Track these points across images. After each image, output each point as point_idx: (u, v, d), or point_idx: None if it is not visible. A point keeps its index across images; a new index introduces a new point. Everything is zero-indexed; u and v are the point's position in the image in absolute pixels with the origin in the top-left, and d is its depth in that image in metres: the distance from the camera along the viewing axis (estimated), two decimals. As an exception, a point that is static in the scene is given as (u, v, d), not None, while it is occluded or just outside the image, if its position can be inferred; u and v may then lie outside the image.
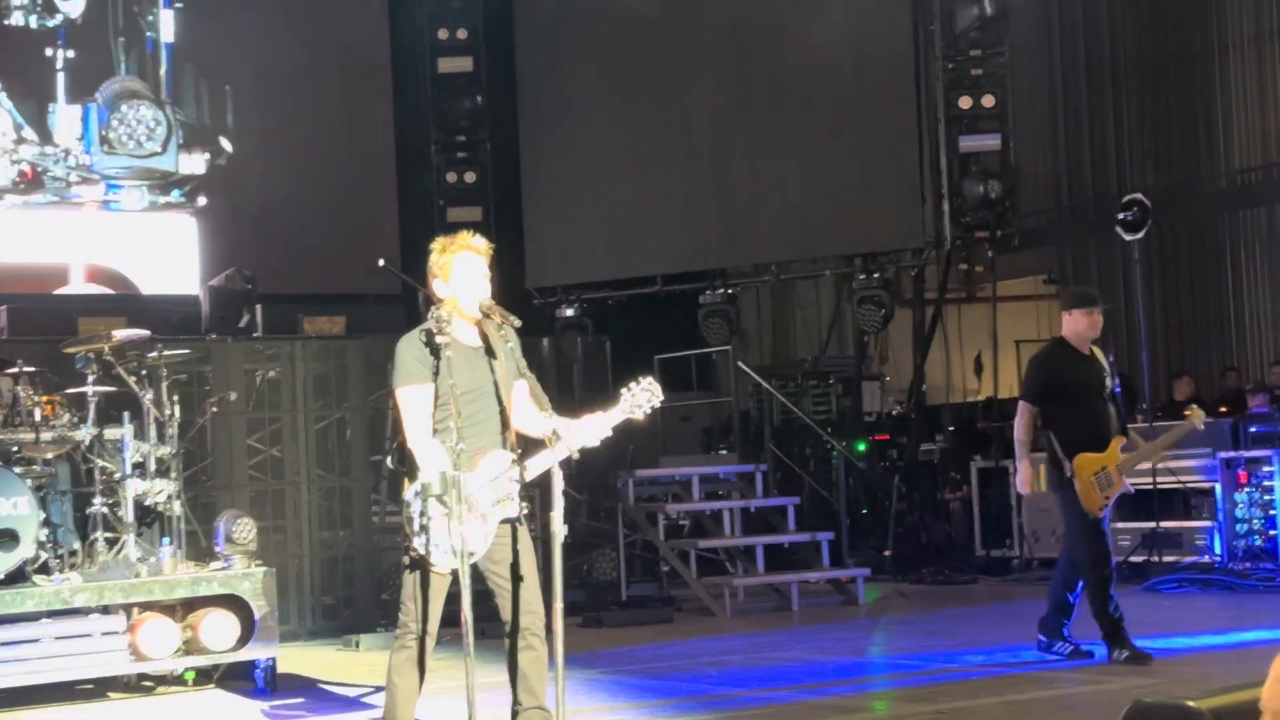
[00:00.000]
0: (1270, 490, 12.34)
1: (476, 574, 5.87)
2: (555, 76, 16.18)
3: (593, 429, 5.82)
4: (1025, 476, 8.83)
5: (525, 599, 5.85)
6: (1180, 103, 17.33)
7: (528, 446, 5.95)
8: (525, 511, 5.93)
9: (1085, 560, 8.62)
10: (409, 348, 5.86)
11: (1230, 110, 16.81)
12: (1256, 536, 12.42)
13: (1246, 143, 16.71)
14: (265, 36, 14.52)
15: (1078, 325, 8.84)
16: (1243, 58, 16.66)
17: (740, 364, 15.08)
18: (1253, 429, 13.07)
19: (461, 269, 5.87)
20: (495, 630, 6.10)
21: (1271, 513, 12.31)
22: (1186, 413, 9.09)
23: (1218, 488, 12.66)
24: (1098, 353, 8.92)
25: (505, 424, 5.90)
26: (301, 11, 14.88)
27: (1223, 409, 14.44)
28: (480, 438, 5.78)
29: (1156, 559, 12.77)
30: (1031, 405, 8.80)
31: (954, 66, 14.83)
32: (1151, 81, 17.63)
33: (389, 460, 6.09)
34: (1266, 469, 12.41)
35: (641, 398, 5.90)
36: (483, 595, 6.03)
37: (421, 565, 5.77)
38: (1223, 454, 12.71)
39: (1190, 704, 4.37)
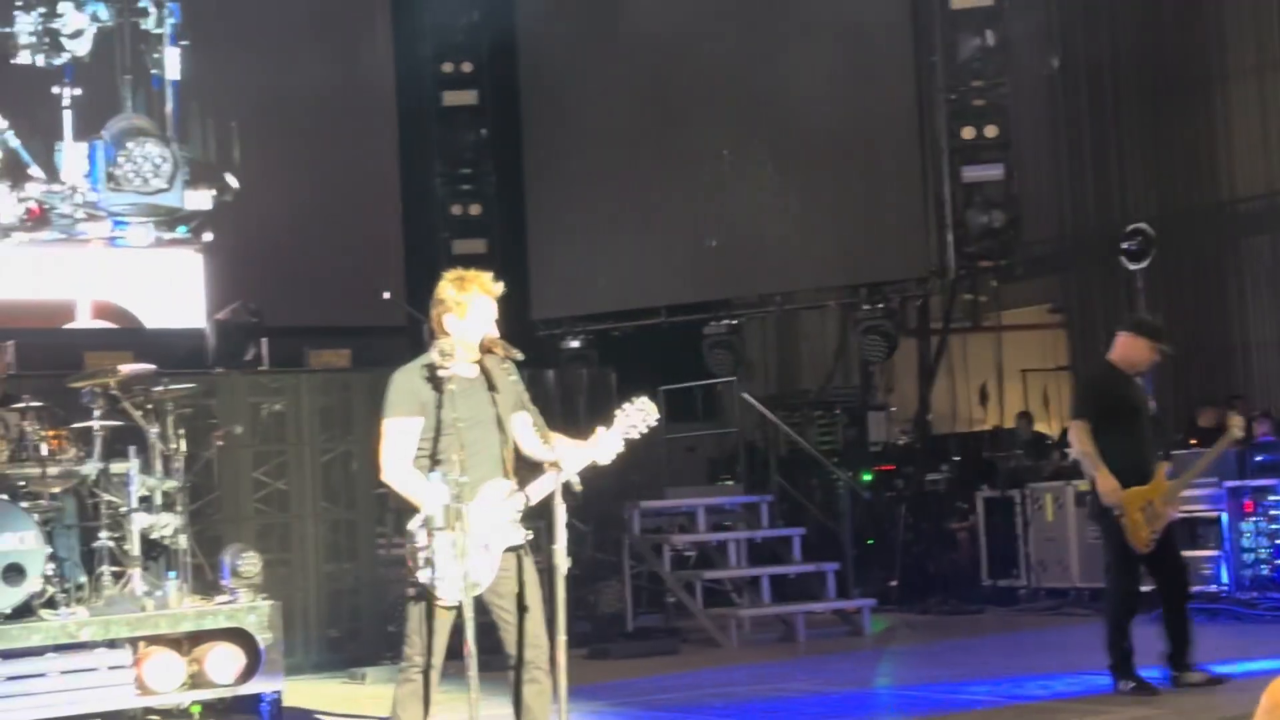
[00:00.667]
0: (1277, 519, 12.34)
1: (481, 606, 5.89)
2: (559, 109, 16.24)
3: (590, 451, 5.85)
4: (1108, 487, 8.39)
5: (530, 631, 5.86)
6: (1183, 131, 17.37)
7: (528, 473, 5.97)
8: (529, 539, 5.95)
9: (1113, 591, 8.57)
10: (404, 380, 5.91)
11: (1233, 139, 16.84)
12: (1263, 566, 12.41)
13: (1249, 171, 16.74)
14: (270, 72, 14.58)
15: (1139, 353, 8.63)
16: (1245, 86, 16.70)
17: (745, 395, 15.10)
18: (1258, 458, 13.07)
19: (478, 310, 5.92)
20: (499, 663, 6.11)
21: (1278, 542, 12.30)
22: (1229, 422, 8.96)
23: (1224, 517, 12.64)
24: (1138, 380, 8.78)
25: (504, 454, 5.92)
26: (306, 47, 14.96)
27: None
28: (479, 468, 5.81)
29: (1163, 588, 12.73)
30: (1086, 422, 8.52)
31: (956, 97, 14.89)
32: (1154, 110, 17.67)
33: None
34: (1272, 498, 12.41)
35: (636, 417, 5.94)
36: (486, 628, 6.04)
37: (426, 598, 5.78)
38: (1228, 483, 12.71)
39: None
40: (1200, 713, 7.58)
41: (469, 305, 5.93)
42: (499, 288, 6.03)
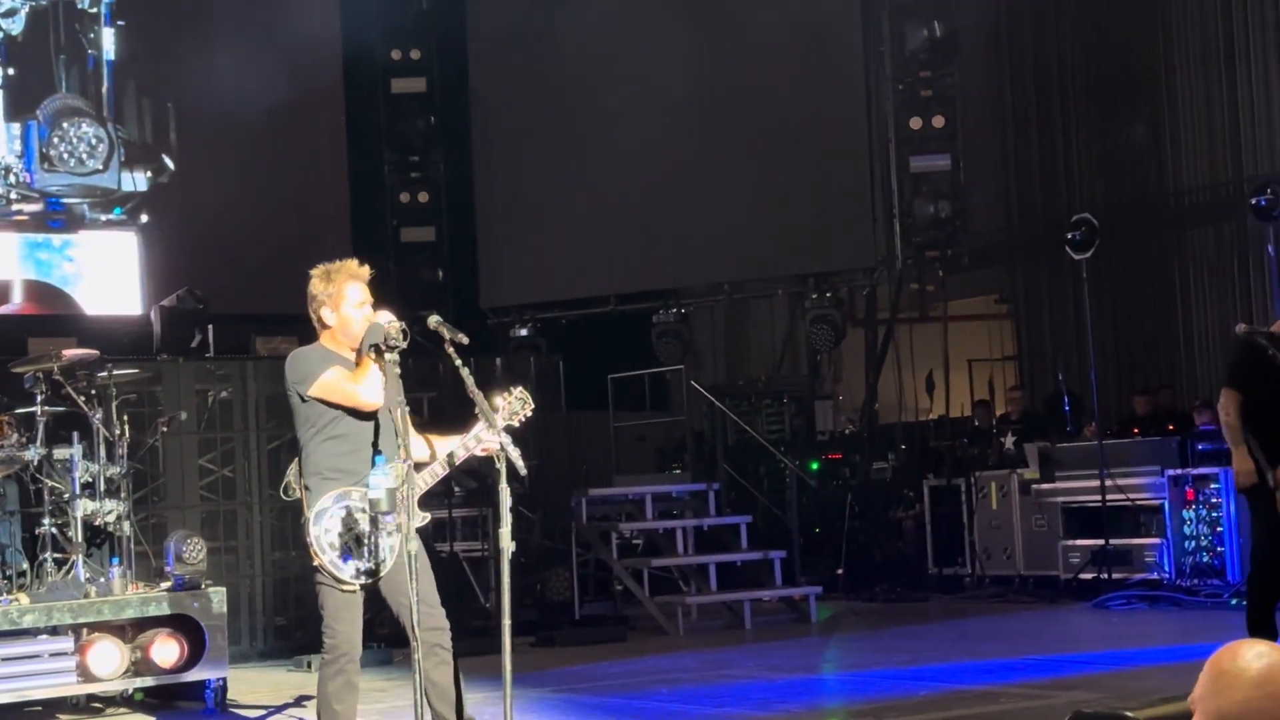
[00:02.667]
0: (1218, 507, 12.46)
1: (374, 593, 5.90)
2: (508, 97, 16.23)
3: (466, 448, 5.89)
4: (1244, 469, 8.13)
5: (429, 614, 5.84)
6: (1129, 124, 17.50)
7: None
8: (425, 522, 5.99)
9: (1259, 561, 8.19)
10: (301, 354, 6.00)
11: (1178, 131, 16.98)
12: (1204, 553, 12.53)
13: (1193, 163, 16.88)
14: (211, 54, 14.49)
15: None
16: (1189, 79, 16.83)
17: (694, 383, 15.12)
18: (1200, 446, 13.18)
19: (351, 296, 5.96)
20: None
21: (1219, 529, 12.42)
22: None
23: (1166, 505, 12.76)
24: None
25: (398, 436, 5.90)
26: (249, 31, 14.85)
27: (1170, 426, 14.57)
28: (386, 454, 5.84)
29: (1106, 576, 12.86)
30: (1238, 393, 8.17)
31: (904, 88, 14.97)
32: (1100, 102, 17.79)
33: (283, 491, 6.08)
34: (1213, 486, 12.52)
35: (516, 405, 6.00)
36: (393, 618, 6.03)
37: (337, 584, 5.79)
38: (1170, 471, 12.82)
39: (1128, 715, 4.43)
40: (1142, 695, 7.64)
41: (341, 295, 5.95)
42: (366, 271, 6.04)
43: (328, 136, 15.98)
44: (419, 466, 5.95)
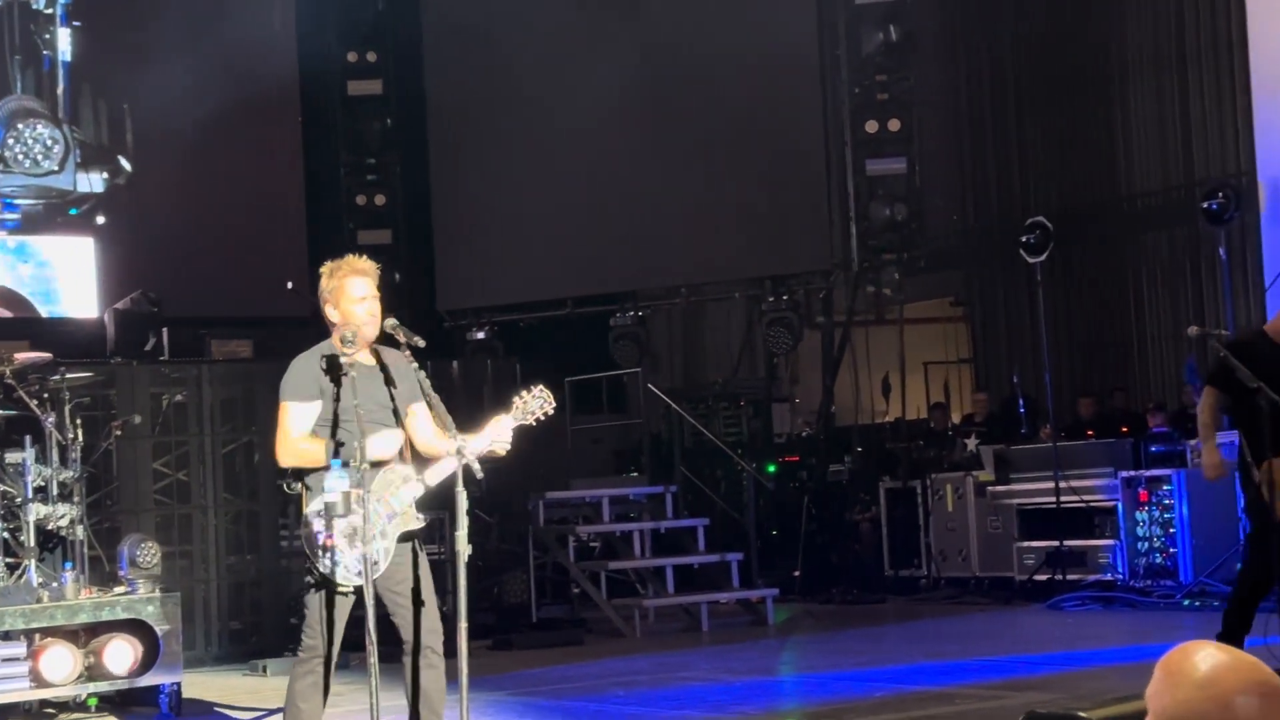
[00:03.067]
0: (1170, 509, 12.54)
1: (376, 597, 5.88)
2: (465, 99, 16.21)
3: (489, 436, 5.84)
4: (1211, 462, 8.13)
5: (426, 617, 5.86)
6: (1082, 127, 17.62)
7: (422, 464, 5.98)
8: (424, 526, 5.96)
9: (1247, 564, 8.13)
10: (303, 365, 5.92)
11: (1130, 135, 17.11)
12: (1157, 554, 12.61)
13: (1146, 167, 17.01)
14: (167, 56, 14.39)
15: None
16: (1142, 83, 16.96)
17: (651, 386, 15.15)
18: (1153, 448, 13.28)
19: (351, 291, 5.92)
20: (398, 656, 6.09)
21: (1171, 531, 12.51)
22: None
23: (1119, 506, 12.85)
24: None
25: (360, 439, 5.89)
26: (206, 32, 14.78)
27: (1124, 429, 14.67)
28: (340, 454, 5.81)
29: (1061, 577, 12.93)
30: (1216, 390, 8.13)
31: (860, 91, 15.02)
32: (1054, 106, 17.91)
33: (286, 486, 6.08)
34: (1166, 488, 12.61)
35: (533, 404, 5.94)
36: (383, 620, 6.03)
37: (326, 586, 5.77)
38: (1124, 473, 12.91)
39: (1082, 715, 4.46)
40: (1095, 696, 7.69)
41: (342, 290, 5.93)
42: (368, 265, 6.02)
43: (284, 139, 15.93)
44: (424, 468, 5.91)
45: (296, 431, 5.89)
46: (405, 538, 5.89)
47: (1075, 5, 17.55)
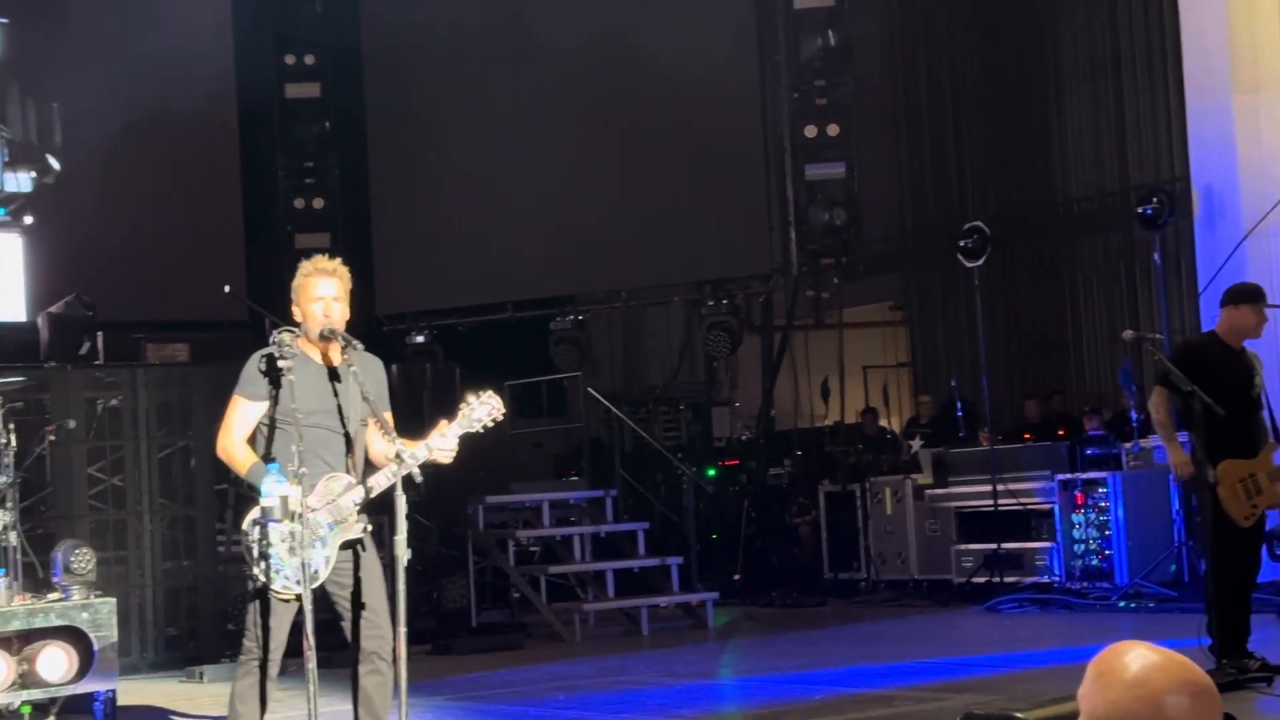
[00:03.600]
0: (1106, 511, 12.65)
1: (323, 601, 5.86)
2: (404, 103, 16.14)
3: (433, 444, 5.80)
4: (1178, 461, 8.11)
5: (372, 622, 5.84)
6: (1019, 133, 17.76)
7: (367, 468, 5.95)
8: (368, 531, 5.92)
9: (1214, 568, 8.10)
10: (255, 362, 5.91)
11: (1066, 141, 17.26)
12: (1093, 556, 12.72)
13: (1082, 173, 17.17)
14: (99, 55, 14.24)
15: (1245, 320, 8.28)
16: (1077, 90, 17.12)
17: (591, 390, 15.13)
18: (1089, 451, 13.40)
19: (313, 292, 5.91)
20: (343, 660, 6.06)
21: (1107, 533, 12.62)
22: None
23: (1056, 509, 12.94)
24: (1249, 352, 8.42)
25: (349, 448, 5.89)
26: (139, 32, 14.62)
27: (1061, 431, 14.80)
28: (319, 461, 5.78)
29: (998, 579, 13.02)
30: (1165, 390, 8.12)
31: (799, 96, 15.07)
32: (991, 112, 18.05)
33: (234, 483, 6.07)
34: (1102, 490, 12.72)
35: (480, 410, 5.89)
36: (329, 624, 6.00)
37: (264, 592, 5.73)
38: (1060, 476, 13.01)
39: (1018, 716, 4.49)
40: (1033, 695, 7.74)
41: (302, 290, 5.92)
42: (332, 265, 6.00)
43: (220, 141, 15.79)
44: (372, 473, 5.88)
45: (239, 426, 5.88)
46: (347, 544, 5.86)
47: (1012, 12, 17.69)
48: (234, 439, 5.91)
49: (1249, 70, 12.93)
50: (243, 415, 5.90)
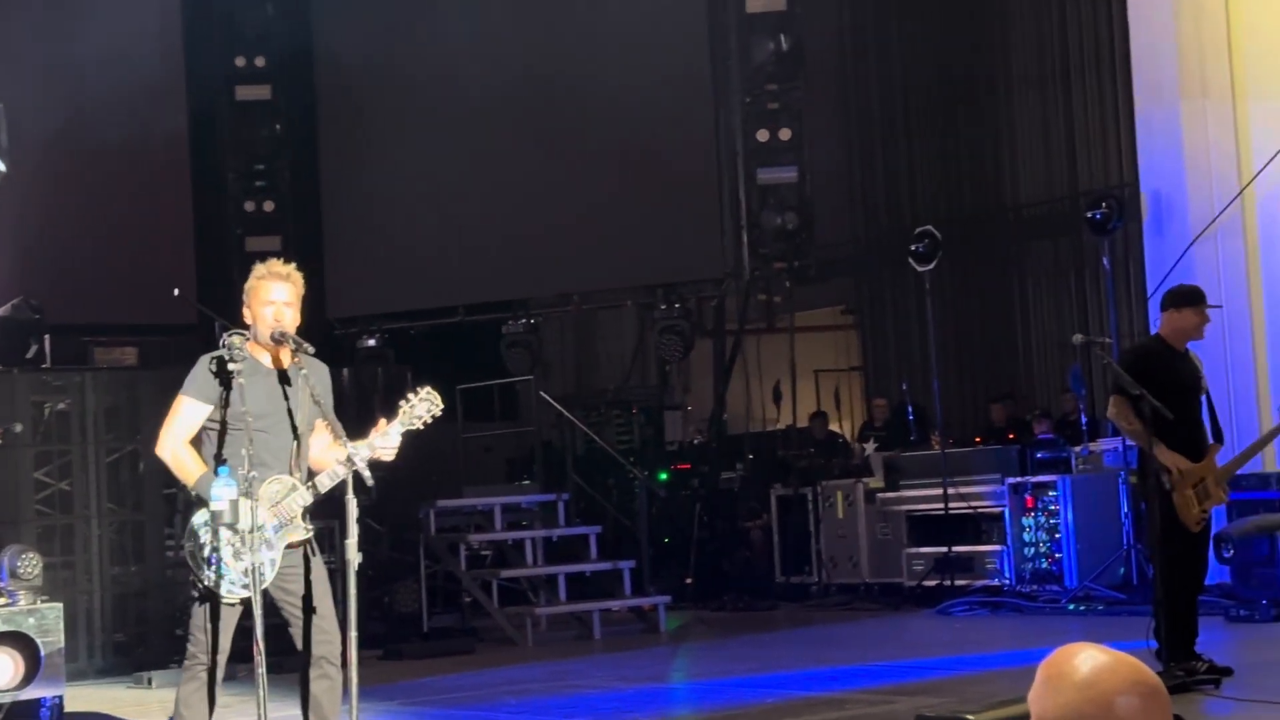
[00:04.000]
0: (1056, 514, 12.73)
1: (271, 606, 5.83)
2: (355, 106, 16.08)
3: (375, 442, 5.79)
4: (1171, 460, 8.02)
5: (320, 626, 5.82)
6: (969, 139, 17.85)
7: (314, 472, 5.92)
8: (311, 534, 5.90)
9: (1163, 572, 8.09)
10: (204, 364, 5.89)
11: (1017, 146, 17.36)
12: (1043, 559, 12.79)
13: (1032, 178, 17.27)
14: (45, 54, 14.13)
15: (1186, 322, 8.33)
16: (1027, 96, 17.22)
17: (543, 394, 15.11)
18: (1039, 455, 13.47)
19: (264, 295, 5.89)
20: (292, 665, 6.03)
21: (1057, 536, 12.69)
22: None
23: (1006, 512, 13.01)
24: (1192, 354, 8.48)
25: (298, 452, 5.87)
26: (87, 34, 14.51)
27: (1011, 435, 14.87)
28: (267, 464, 5.75)
29: (949, 583, 13.07)
30: (1125, 398, 8.12)
31: (751, 100, 15.09)
32: (943, 117, 18.14)
33: (181, 489, 6.02)
34: (1052, 494, 12.79)
35: (420, 408, 5.90)
36: (278, 629, 5.97)
37: (211, 596, 5.70)
38: (1010, 479, 13.08)
39: (969, 717, 4.52)
40: (983, 697, 7.78)
41: (254, 293, 5.91)
42: (284, 268, 5.98)
43: (170, 144, 15.66)
44: (316, 472, 5.86)
45: (184, 427, 5.83)
46: (293, 547, 5.83)
47: (963, 18, 17.78)
48: (181, 441, 5.85)
49: (1196, 76, 13.04)
50: (188, 416, 5.86)
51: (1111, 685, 2.51)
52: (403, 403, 5.91)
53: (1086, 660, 2.55)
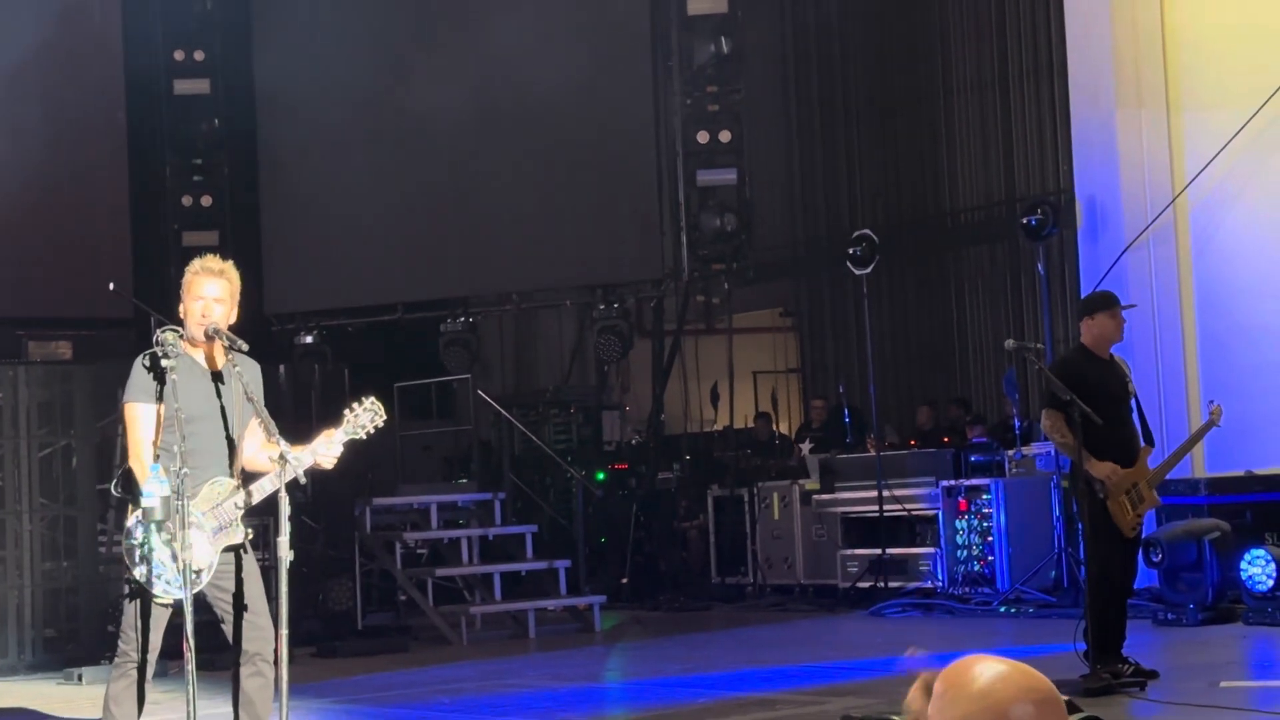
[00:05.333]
0: (988, 517, 12.84)
1: (204, 603, 5.82)
2: (295, 101, 16.00)
3: (318, 450, 5.81)
4: (1104, 471, 8.09)
5: (253, 623, 5.82)
6: (908, 143, 18.00)
7: (250, 473, 5.92)
8: (249, 537, 5.90)
9: (1094, 575, 8.18)
10: (139, 365, 5.86)
11: (955, 152, 17.51)
12: (975, 562, 12.90)
13: (969, 184, 17.42)
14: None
15: (1103, 328, 8.45)
16: (965, 103, 17.38)
17: (480, 392, 15.11)
18: (973, 458, 13.58)
19: (196, 291, 5.89)
20: (224, 662, 6.02)
21: (989, 539, 12.81)
22: (1211, 411, 8.75)
23: (940, 515, 13.11)
24: (1117, 359, 8.58)
25: (232, 450, 5.86)
26: (22, 25, 14.39)
27: (945, 439, 14.99)
28: (205, 463, 5.74)
29: (883, 584, 13.16)
30: (1059, 411, 8.16)
31: (692, 102, 15.14)
32: (882, 122, 18.27)
33: (114, 487, 6.00)
34: (985, 497, 12.90)
35: (364, 417, 5.92)
36: (211, 626, 5.96)
37: (143, 594, 5.69)
38: (944, 482, 13.18)
39: (894, 718, 4.57)
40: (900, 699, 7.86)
41: (187, 288, 5.91)
42: (216, 264, 5.97)
43: (106, 137, 15.55)
44: (254, 477, 5.84)
45: (147, 434, 5.78)
46: (229, 549, 5.83)
47: (903, 25, 17.93)
48: (149, 453, 5.75)
49: (1131, 85, 13.19)
50: (145, 421, 5.80)
51: (1006, 694, 2.55)
52: (347, 411, 5.93)
53: (982, 671, 2.59)
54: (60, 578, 11.04)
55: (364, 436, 5.96)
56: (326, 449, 5.81)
